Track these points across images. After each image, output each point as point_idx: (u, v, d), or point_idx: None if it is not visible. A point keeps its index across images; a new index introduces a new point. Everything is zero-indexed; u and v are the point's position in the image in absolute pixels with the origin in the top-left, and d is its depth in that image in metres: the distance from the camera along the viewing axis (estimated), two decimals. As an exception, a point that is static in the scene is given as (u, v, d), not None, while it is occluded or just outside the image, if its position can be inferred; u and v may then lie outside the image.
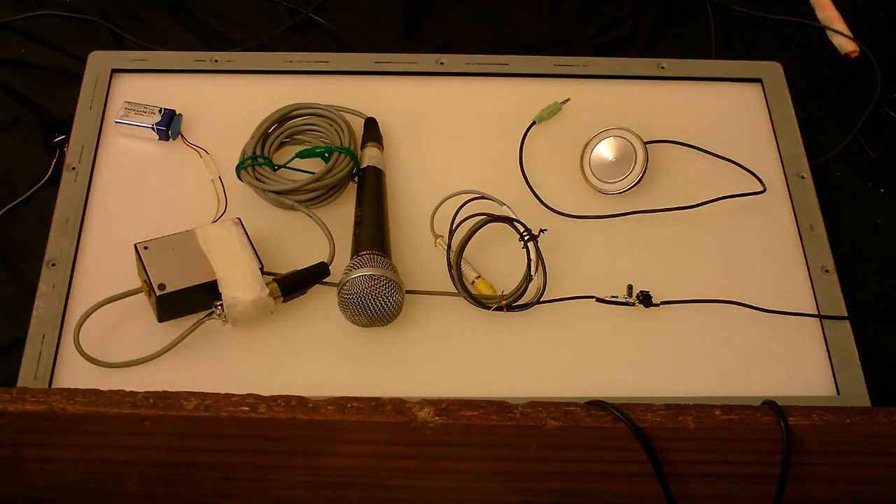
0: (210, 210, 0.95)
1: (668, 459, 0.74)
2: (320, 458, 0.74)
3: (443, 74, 1.06)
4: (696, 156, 1.02)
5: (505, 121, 1.03)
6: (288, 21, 1.14)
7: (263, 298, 0.84)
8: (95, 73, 1.03)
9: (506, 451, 0.76)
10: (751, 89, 1.08)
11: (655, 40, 1.15)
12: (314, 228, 0.93)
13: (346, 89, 1.04)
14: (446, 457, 0.75)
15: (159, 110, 0.98)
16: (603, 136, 0.99)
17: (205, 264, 0.84)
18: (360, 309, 0.84)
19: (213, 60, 1.05)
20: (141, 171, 0.97)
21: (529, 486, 0.79)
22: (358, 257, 0.87)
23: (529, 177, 0.99)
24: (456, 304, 0.90)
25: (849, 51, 1.14)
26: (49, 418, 0.70)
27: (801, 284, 0.94)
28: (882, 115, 1.10)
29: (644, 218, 0.97)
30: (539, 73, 1.07)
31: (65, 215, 0.93)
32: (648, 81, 1.07)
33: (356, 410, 0.72)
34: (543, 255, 0.90)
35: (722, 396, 0.84)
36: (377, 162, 0.96)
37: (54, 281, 0.89)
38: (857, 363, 0.89)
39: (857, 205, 1.02)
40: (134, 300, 0.86)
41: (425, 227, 0.94)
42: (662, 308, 0.91)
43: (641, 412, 0.74)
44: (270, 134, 0.98)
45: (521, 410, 0.74)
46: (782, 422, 0.74)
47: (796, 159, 1.02)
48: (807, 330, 0.91)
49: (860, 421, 0.75)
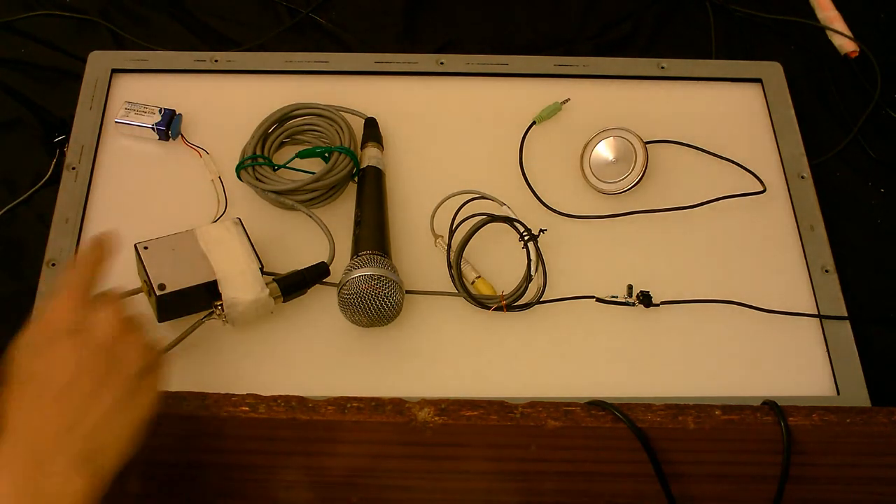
0: (210, 210, 0.95)
1: (668, 459, 0.74)
2: (320, 458, 0.74)
3: (443, 74, 1.06)
4: (696, 156, 1.02)
5: (505, 121, 1.03)
6: (288, 21, 1.14)
7: (263, 298, 0.84)
8: (95, 73, 1.03)
9: (506, 451, 0.76)
10: (751, 89, 1.08)
11: (655, 40, 1.15)
12: (314, 228, 0.93)
13: (346, 89, 1.04)
14: (446, 457, 0.75)
15: (159, 110, 0.98)
16: (603, 136, 0.99)
17: (205, 264, 0.84)
18: (360, 309, 0.84)
19: (213, 60, 1.05)
20: (141, 171, 0.97)
21: (530, 486, 0.79)
22: (358, 257, 0.87)
23: (529, 177, 0.99)
24: (456, 304, 0.90)
25: (849, 51, 1.14)
26: (49, 418, 0.70)
27: (801, 284, 0.94)
28: (882, 115, 1.10)
29: (644, 218, 0.97)
30: (539, 73, 1.07)
31: (65, 215, 0.93)
32: (648, 81, 1.07)
33: (356, 410, 0.72)
34: (543, 255, 0.91)
35: (722, 396, 0.83)
36: (377, 162, 0.96)
37: (54, 281, 0.89)
38: (857, 363, 0.89)
39: (857, 205, 1.02)
40: (134, 300, 0.86)
41: (425, 227, 0.94)
42: (662, 308, 0.91)
43: (641, 412, 0.74)
44: (270, 134, 0.98)
45: (521, 410, 0.74)
46: (782, 422, 0.74)
47: (796, 159, 1.02)
48: (807, 330, 0.91)
49: (860, 421, 0.75)
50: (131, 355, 0.64)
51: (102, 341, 0.63)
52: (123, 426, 0.62)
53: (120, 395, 0.62)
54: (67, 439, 0.59)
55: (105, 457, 0.60)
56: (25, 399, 0.60)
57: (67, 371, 0.61)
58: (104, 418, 0.61)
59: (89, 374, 0.61)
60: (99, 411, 0.61)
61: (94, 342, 0.63)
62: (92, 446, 0.60)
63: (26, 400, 0.60)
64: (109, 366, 0.62)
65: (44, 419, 0.59)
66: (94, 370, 0.62)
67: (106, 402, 0.61)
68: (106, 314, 0.64)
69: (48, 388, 0.61)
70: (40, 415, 0.60)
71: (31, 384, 0.61)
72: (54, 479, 0.57)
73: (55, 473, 0.58)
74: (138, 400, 0.63)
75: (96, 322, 0.64)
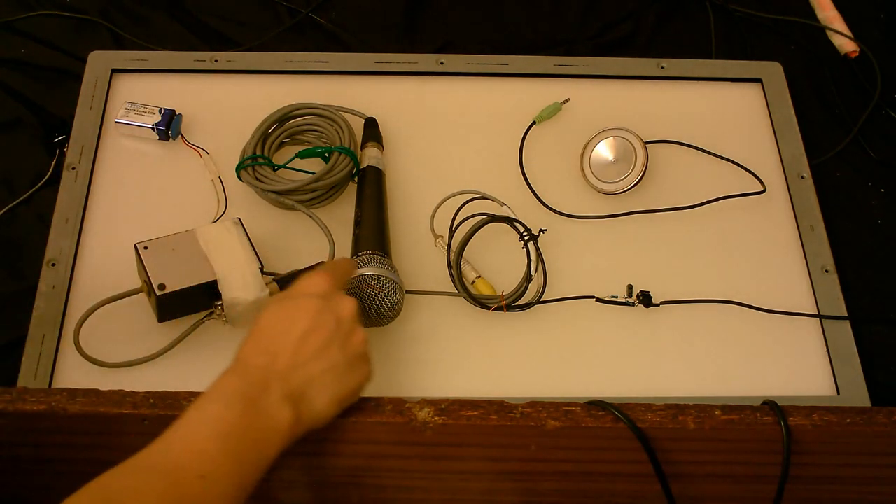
0: (210, 210, 0.95)
1: (668, 459, 0.74)
2: (320, 458, 0.74)
3: (443, 74, 1.06)
4: (696, 156, 1.02)
5: (505, 121, 1.03)
6: (288, 21, 1.14)
7: (263, 298, 0.84)
8: (95, 73, 1.03)
9: (506, 452, 0.76)
10: (751, 89, 1.08)
11: (655, 40, 1.15)
12: (314, 228, 0.93)
13: (346, 89, 1.04)
14: (446, 457, 0.75)
15: (159, 110, 0.98)
16: (603, 136, 0.99)
17: (205, 264, 0.84)
18: (360, 309, 0.84)
19: (213, 60, 1.05)
20: (141, 171, 0.97)
21: (530, 486, 0.79)
22: (358, 257, 0.87)
23: (529, 177, 0.99)
24: (456, 304, 0.90)
25: (849, 51, 1.14)
26: (49, 418, 0.70)
27: (801, 284, 0.94)
28: (882, 115, 1.10)
29: (644, 218, 0.97)
30: (539, 73, 1.07)
31: (65, 215, 0.93)
32: (648, 81, 1.07)
33: (356, 410, 0.72)
34: (543, 255, 0.91)
35: (722, 396, 0.84)
36: (377, 162, 0.96)
37: (54, 281, 0.89)
38: (857, 363, 0.89)
39: (857, 205, 1.02)
40: (134, 300, 0.86)
41: (425, 227, 0.94)
42: (662, 308, 0.91)
43: (641, 412, 0.74)
44: (270, 134, 0.98)
45: (521, 410, 0.74)
46: (782, 422, 0.74)
47: (796, 159, 1.02)
48: (807, 330, 0.91)
49: (860, 421, 0.75)
50: (359, 338, 0.72)
51: (341, 316, 0.71)
52: (332, 391, 0.69)
53: (339, 364, 0.70)
54: (287, 376, 0.67)
55: (310, 407, 0.68)
56: (263, 336, 0.69)
57: (306, 322, 0.70)
58: (321, 375, 0.69)
59: (323, 332, 0.70)
60: (319, 367, 0.69)
61: (335, 313, 0.71)
62: (303, 391, 0.68)
63: (264, 336, 0.69)
64: (341, 337, 0.71)
65: (272, 355, 0.68)
66: (328, 332, 0.70)
67: (327, 361, 0.69)
68: (350, 301, 0.73)
69: (285, 331, 0.69)
70: (270, 350, 0.68)
71: (271, 325, 0.70)
72: (269, 404, 0.65)
73: (271, 401, 0.66)
74: (351, 377, 0.71)
75: (341, 301, 0.73)
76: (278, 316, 0.71)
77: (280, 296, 0.77)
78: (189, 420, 0.64)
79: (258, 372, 0.67)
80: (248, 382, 0.66)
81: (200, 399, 0.65)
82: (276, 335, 0.69)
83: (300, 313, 0.70)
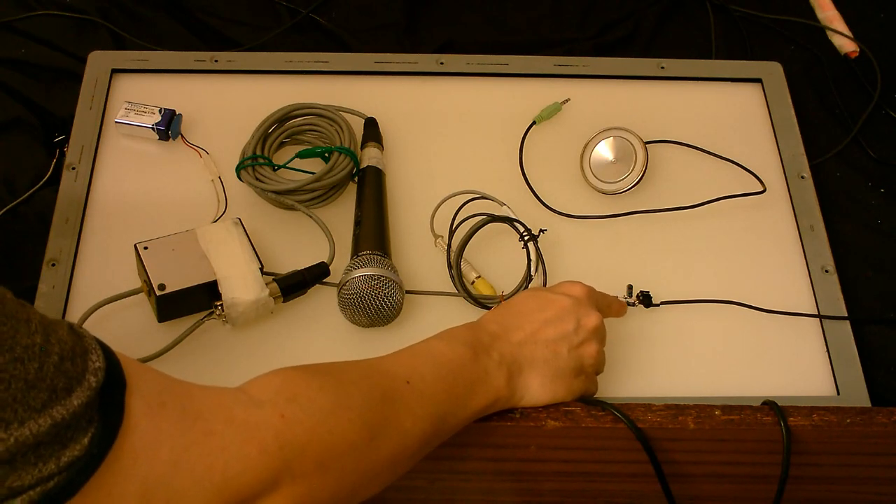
0: (210, 210, 0.95)
1: (668, 459, 0.74)
2: (320, 458, 0.74)
3: (443, 74, 1.06)
4: (696, 156, 1.02)
5: (505, 121, 1.03)
6: (288, 21, 1.14)
7: (263, 298, 0.84)
8: (95, 73, 1.03)
9: (506, 452, 0.76)
10: (751, 89, 1.08)
11: (655, 40, 1.15)
12: (314, 228, 0.93)
13: (346, 89, 1.04)
14: (446, 457, 0.75)
15: (159, 110, 0.98)
16: (603, 136, 0.99)
17: (205, 264, 0.84)
18: (360, 309, 0.84)
19: (213, 60, 1.05)
20: (141, 171, 0.97)
21: (529, 486, 0.79)
22: (358, 257, 0.87)
23: (529, 177, 0.99)
24: (456, 304, 0.90)
25: (849, 51, 1.14)
26: (49, 418, 0.70)
27: (801, 284, 0.94)
28: (882, 115, 1.10)
29: (644, 218, 0.97)
30: (539, 73, 1.07)
31: (65, 215, 0.93)
32: (648, 81, 1.07)
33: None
34: (543, 255, 0.90)
35: (722, 396, 0.83)
36: (377, 162, 0.96)
37: (54, 281, 0.89)
38: (857, 363, 0.89)
39: (857, 205, 1.02)
40: (134, 300, 0.86)
41: (425, 227, 0.94)
42: (662, 308, 0.91)
43: (641, 412, 0.74)
44: (270, 134, 0.98)
45: (520, 410, 0.74)
46: (782, 422, 0.74)
47: (796, 159, 1.02)
48: (807, 330, 0.91)
49: (860, 421, 0.75)
50: (589, 351, 0.76)
51: (583, 323, 0.76)
52: (546, 380, 0.74)
53: (562, 361, 0.74)
54: (513, 348, 0.73)
55: (524, 383, 0.73)
56: (508, 311, 0.77)
57: (550, 313, 0.75)
58: (542, 363, 0.74)
59: (560, 328, 0.75)
60: (543, 354, 0.74)
61: (579, 318, 0.76)
62: (521, 367, 0.73)
63: (508, 312, 0.76)
64: (574, 341, 0.75)
65: (506, 328, 0.74)
66: (564, 330, 0.75)
67: (552, 353, 0.74)
68: (596, 316, 0.77)
69: (527, 312, 0.76)
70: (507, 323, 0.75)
71: (518, 305, 0.77)
72: (488, 361, 0.71)
73: (491, 359, 0.72)
74: (570, 381, 0.75)
75: (589, 312, 0.77)
76: (528, 300, 0.77)
77: (539, 287, 0.86)
78: (413, 348, 0.71)
79: (488, 335, 0.73)
80: (477, 338, 0.72)
81: (428, 338, 0.72)
82: (518, 313, 0.76)
83: (548, 304, 0.76)
